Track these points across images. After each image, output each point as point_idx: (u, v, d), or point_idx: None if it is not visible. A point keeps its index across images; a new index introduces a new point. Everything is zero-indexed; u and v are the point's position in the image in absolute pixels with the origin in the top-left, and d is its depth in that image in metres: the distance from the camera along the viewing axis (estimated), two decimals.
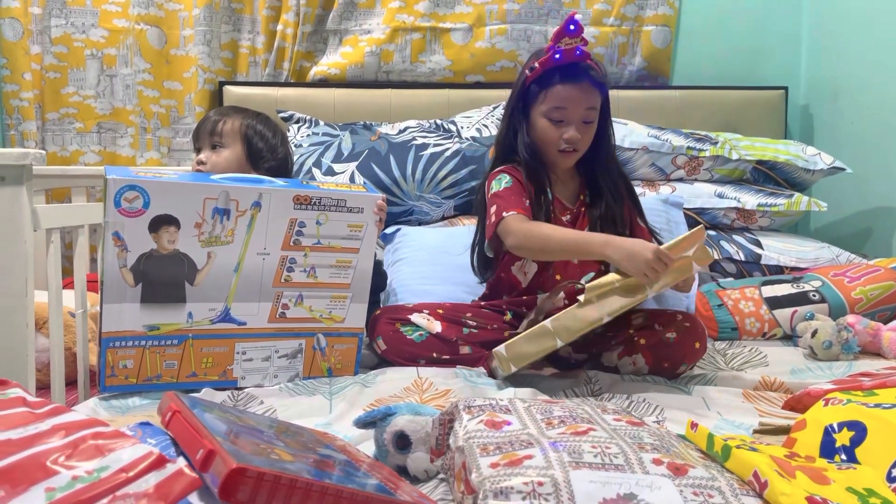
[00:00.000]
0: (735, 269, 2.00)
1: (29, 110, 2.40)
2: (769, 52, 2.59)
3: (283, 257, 1.31)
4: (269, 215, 1.27)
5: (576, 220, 1.61)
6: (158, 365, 1.28)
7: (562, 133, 1.52)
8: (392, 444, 0.92)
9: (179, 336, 1.28)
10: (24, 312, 1.32)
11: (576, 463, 0.73)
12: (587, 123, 1.54)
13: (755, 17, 2.58)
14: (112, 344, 1.24)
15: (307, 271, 1.34)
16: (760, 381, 1.36)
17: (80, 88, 2.46)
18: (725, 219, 2.10)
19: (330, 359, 1.42)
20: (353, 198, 1.34)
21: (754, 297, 1.78)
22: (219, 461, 0.64)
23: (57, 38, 2.43)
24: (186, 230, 1.23)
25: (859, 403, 0.86)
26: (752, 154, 2.12)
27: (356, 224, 1.35)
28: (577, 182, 1.64)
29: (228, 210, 1.24)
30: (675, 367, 1.44)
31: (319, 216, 1.31)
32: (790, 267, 1.97)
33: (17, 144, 2.41)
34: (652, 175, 2.16)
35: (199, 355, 1.31)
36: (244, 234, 1.26)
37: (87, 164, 2.46)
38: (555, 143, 1.54)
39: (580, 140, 1.53)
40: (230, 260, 1.28)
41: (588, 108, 1.52)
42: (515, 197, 1.52)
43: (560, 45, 1.49)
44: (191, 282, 1.26)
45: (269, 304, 1.33)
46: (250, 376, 1.35)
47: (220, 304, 1.28)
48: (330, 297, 1.38)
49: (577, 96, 1.50)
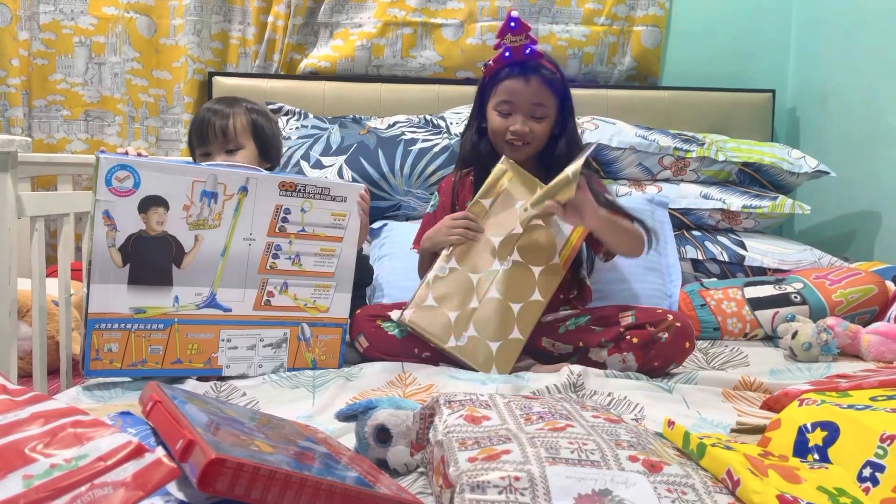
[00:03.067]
0: (719, 270, 2.02)
1: (16, 97, 2.38)
2: (758, 55, 2.61)
3: (268, 244, 1.34)
4: (255, 200, 1.31)
5: None
6: (143, 350, 1.28)
7: (508, 125, 1.59)
8: (373, 437, 0.93)
9: (165, 320, 1.28)
10: (6, 301, 1.32)
11: (552, 458, 0.74)
12: (537, 119, 1.59)
13: (745, 19, 2.60)
14: (98, 326, 1.24)
15: (292, 258, 1.37)
16: (740, 381, 1.37)
17: (67, 76, 2.44)
18: (710, 220, 2.11)
19: (314, 349, 1.43)
20: (337, 186, 1.38)
21: (737, 298, 1.79)
22: (198, 451, 0.65)
23: (45, 24, 2.41)
24: (175, 212, 1.25)
25: (833, 404, 0.87)
26: (738, 156, 2.14)
27: (340, 213, 1.39)
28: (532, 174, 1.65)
29: (216, 193, 1.27)
30: (665, 366, 1.46)
31: (304, 203, 1.35)
32: (773, 269, 1.99)
33: (2, 131, 2.40)
34: (638, 175, 2.17)
35: (185, 341, 1.31)
36: (231, 218, 1.29)
37: (74, 152, 2.45)
38: (502, 135, 1.61)
39: (528, 133, 1.59)
40: (217, 244, 1.30)
41: (535, 103, 1.58)
42: (428, 227, 1.65)
43: (506, 42, 1.57)
44: (178, 265, 1.27)
45: (255, 291, 1.35)
46: (235, 365, 1.35)
47: (206, 288, 1.30)
48: (314, 286, 1.41)
49: (523, 90, 1.57)
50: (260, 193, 1.31)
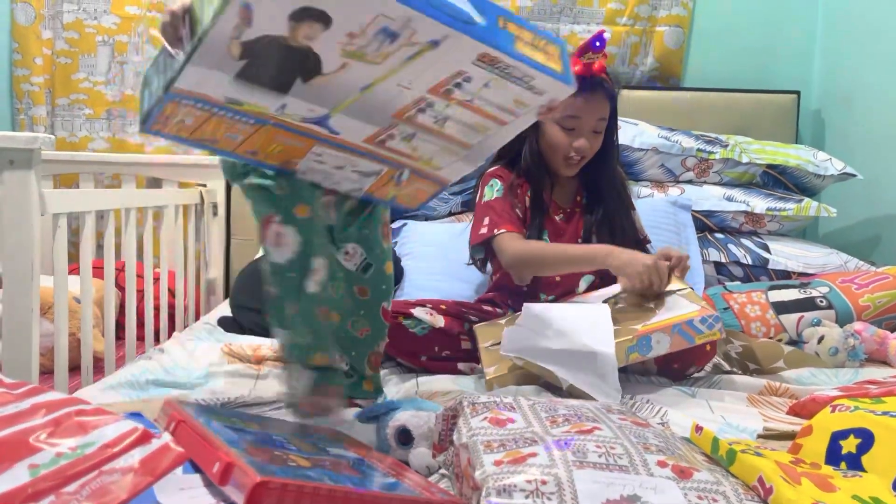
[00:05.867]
0: (742, 273, 1.99)
1: (39, 95, 2.40)
2: (782, 55, 2.58)
3: (422, 98, 1.04)
4: (438, 59, 0.98)
5: (569, 220, 1.65)
6: (220, 132, 1.05)
7: (572, 141, 1.56)
8: (394, 438, 0.92)
9: (259, 118, 1.03)
10: (29, 297, 1.32)
11: (580, 462, 0.72)
12: (596, 133, 1.58)
13: (769, 20, 2.57)
14: (178, 98, 0.97)
15: (438, 119, 1.09)
16: (765, 386, 1.35)
17: (90, 74, 2.46)
18: (734, 222, 2.09)
19: (402, 190, 1.22)
20: (544, 80, 1.03)
21: (761, 302, 1.77)
22: (239, 473, 0.63)
23: (69, 23, 2.43)
24: (333, 33, 0.92)
25: (867, 411, 0.85)
26: (762, 158, 2.11)
27: (523, 102, 1.07)
28: (574, 184, 1.68)
29: (398, 34, 0.94)
30: (684, 368, 1.44)
31: (492, 80, 1.03)
32: (798, 272, 1.96)
33: (26, 129, 2.42)
34: (661, 176, 2.15)
35: (270, 140, 1.07)
36: (398, 63, 0.98)
37: (96, 151, 2.46)
38: (564, 151, 1.58)
39: (588, 149, 1.58)
40: (363, 79, 1.00)
41: (599, 118, 1.56)
42: (507, 211, 1.59)
43: (584, 59, 1.53)
44: (304, 79, 0.98)
45: (375, 128, 1.08)
46: (312, 174, 1.14)
47: (323, 109, 1.03)
48: (441, 147, 1.15)
49: (591, 107, 1.54)
50: (450, 56, 0.97)
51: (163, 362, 1.48)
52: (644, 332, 1.32)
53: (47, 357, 1.68)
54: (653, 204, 2.01)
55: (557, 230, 1.63)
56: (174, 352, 1.56)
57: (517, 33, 0.99)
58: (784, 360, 1.50)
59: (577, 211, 1.66)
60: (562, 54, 1.04)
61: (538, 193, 1.62)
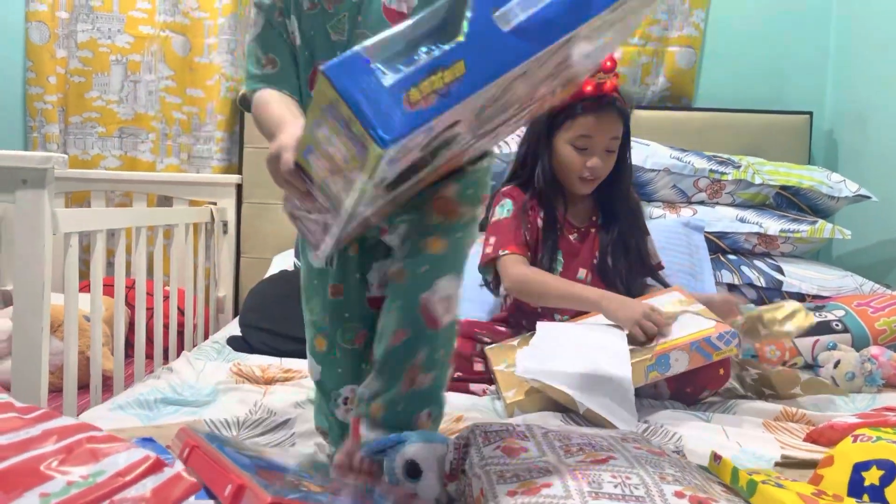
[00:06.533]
0: (756, 296, 1.97)
1: (52, 113, 2.41)
2: (794, 76, 2.57)
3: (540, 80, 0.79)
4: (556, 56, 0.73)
5: (584, 240, 1.64)
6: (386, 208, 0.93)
7: (585, 161, 1.56)
8: (402, 472, 0.90)
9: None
10: (39, 316, 1.32)
11: (595, 493, 0.71)
12: (609, 152, 1.58)
13: (781, 40, 2.56)
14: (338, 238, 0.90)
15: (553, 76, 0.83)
16: (782, 412, 1.33)
17: (103, 93, 2.47)
18: (747, 244, 2.07)
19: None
20: None
21: None
22: (250, 495, 0.63)
23: (83, 42, 2.45)
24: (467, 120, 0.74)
25: (889, 441, 0.83)
26: (775, 179, 2.09)
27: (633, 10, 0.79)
28: (589, 203, 1.67)
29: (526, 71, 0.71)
30: (697, 392, 1.42)
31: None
32: (812, 295, 1.94)
33: (38, 147, 2.43)
34: (673, 197, 2.14)
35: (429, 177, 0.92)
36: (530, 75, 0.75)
37: (108, 169, 2.47)
38: (577, 171, 1.58)
39: (602, 168, 1.57)
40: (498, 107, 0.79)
41: (612, 137, 1.56)
42: (514, 231, 1.58)
43: (595, 79, 1.52)
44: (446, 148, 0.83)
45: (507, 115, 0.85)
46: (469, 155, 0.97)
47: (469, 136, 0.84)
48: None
49: (603, 126, 1.54)
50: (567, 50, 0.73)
51: (171, 381, 1.48)
52: (662, 350, 1.32)
53: (56, 375, 1.67)
54: (665, 225, 1.99)
55: (572, 250, 1.62)
56: (183, 371, 1.56)
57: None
58: (801, 388, 1.48)
59: (593, 230, 1.65)
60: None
61: (552, 213, 1.61)
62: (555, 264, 1.60)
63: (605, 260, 1.61)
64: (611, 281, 1.59)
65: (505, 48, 0.65)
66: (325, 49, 0.99)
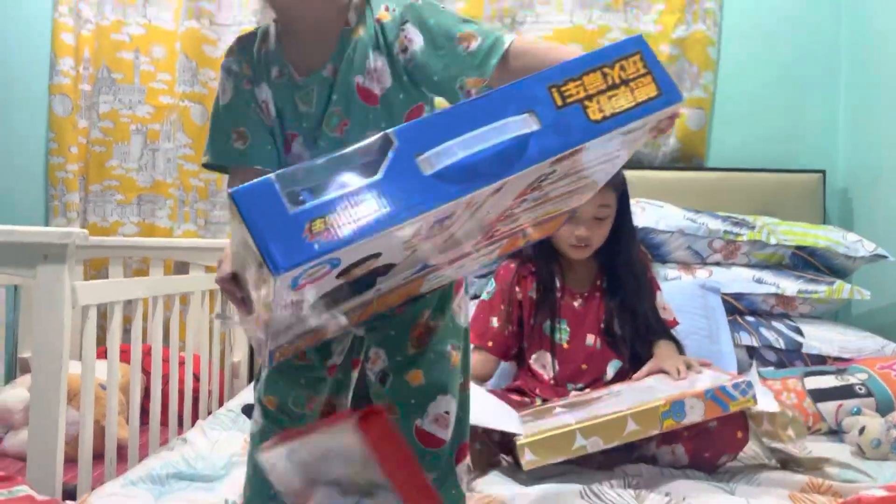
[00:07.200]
0: (775, 358, 1.94)
1: (73, 182, 2.46)
2: (806, 134, 2.58)
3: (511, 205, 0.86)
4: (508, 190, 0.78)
5: (589, 305, 1.64)
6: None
7: (573, 230, 1.56)
8: None
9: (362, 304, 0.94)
10: (57, 391, 1.32)
11: None
12: (599, 220, 1.57)
13: (791, 99, 2.58)
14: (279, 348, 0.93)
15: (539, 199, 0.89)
16: (808, 483, 1.30)
17: (123, 161, 2.52)
18: (764, 305, 2.05)
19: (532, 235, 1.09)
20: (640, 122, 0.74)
21: (797, 389, 1.72)
22: None
23: (104, 113, 2.51)
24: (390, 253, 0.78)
25: None
26: (790, 239, 2.09)
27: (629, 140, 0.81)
28: (592, 267, 1.67)
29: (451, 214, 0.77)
30: (716, 457, 1.39)
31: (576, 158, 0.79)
32: (833, 357, 1.91)
33: (59, 215, 2.47)
34: (688, 258, 2.13)
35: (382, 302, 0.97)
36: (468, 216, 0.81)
37: (126, 235, 2.50)
38: (566, 240, 1.59)
39: (591, 237, 1.58)
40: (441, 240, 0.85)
41: (599, 205, 1.55)
42: (485, 316, 1.63)
43: None
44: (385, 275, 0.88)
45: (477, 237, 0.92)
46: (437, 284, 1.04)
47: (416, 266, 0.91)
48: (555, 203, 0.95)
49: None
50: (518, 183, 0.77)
51: (185, 453, 1.47)
52: (677, 397, 1.31)
53: (71, 445, 1.66)
54: (681, 287, 1.99)
55: (577, 317, 1.62)
56: (197, 442, 1.55)
57: (582, 93, 0.73)
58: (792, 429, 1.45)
59: (598, 295, 1.64)
60: (647, 63, 0.73)
61: (547, 279, 1.62)
62: (559, 333, 1.59)
63: (611, 325, 1.61)
64: (618, 347, 1.58)
65: (421, 190, 0.67)
66: (293, 118, 1.00)
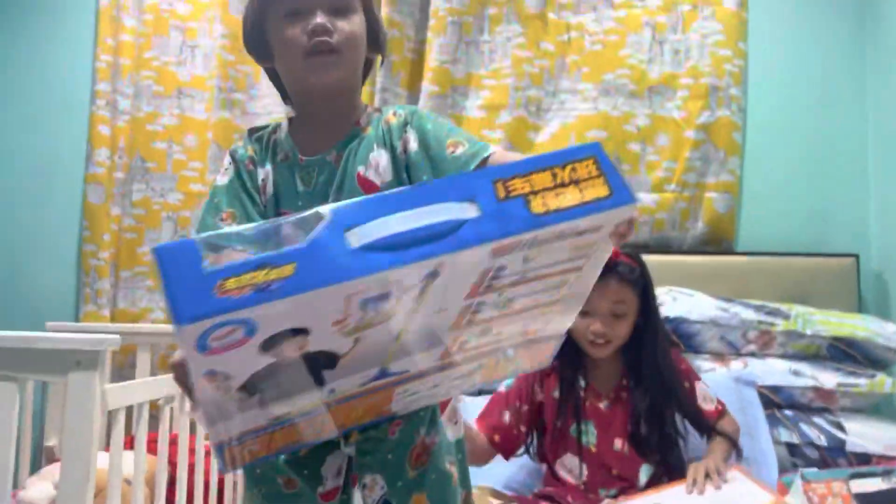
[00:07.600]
0: (817, 456, 1.87)
1: (105, 269, 2.49)
2: (836, 217, 2.54)
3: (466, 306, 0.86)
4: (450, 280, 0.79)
5: (615, 406, 1.59)
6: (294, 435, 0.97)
7: (588, 324, 1.54)
8: None
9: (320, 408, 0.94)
10: (85, 490, 1.30)
11: None
12: (618, 316, 1.54)
13: (820, 181, 2.55)
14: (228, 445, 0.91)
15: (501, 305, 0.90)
16: None
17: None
18: (803, 398, 1.99)
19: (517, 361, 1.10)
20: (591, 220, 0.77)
21: (843, 493, 1.64)
22: None
23: (137, 201, 2.56)
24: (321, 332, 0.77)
25: None
26: (827, 329, 2.04)
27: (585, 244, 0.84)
28: (616, 367, 1.63)
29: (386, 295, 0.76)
30: None
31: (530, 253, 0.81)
32: (878, 454, 1.84)
33: (89, 302, 2.49)
34: (722, 349, 2.08)
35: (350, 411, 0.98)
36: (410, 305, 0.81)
37: (156, 322, 2.51)
38: (583, 335, 1.56)
39: (609, 333, 1.55)
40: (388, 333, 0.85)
41: (615, 301, 1.53)
42: (499, 410, 1.63)
43: None
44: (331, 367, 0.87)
45: (443, 348, 0.93)
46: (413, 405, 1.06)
47: (373, 369, 0.90)
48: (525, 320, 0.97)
49: (601, 290, 1.50)
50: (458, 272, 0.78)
51: None
52: None
53: None
54: (715, 380, 1.93)
55: (604, 419, 1.58)
56: None
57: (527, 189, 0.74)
58: None
59: (624, 396, 1.60)
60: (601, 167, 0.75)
61: (569, 380, 1.59)
62: (586, 436, 1.55)
63: (637, 428, 1.55)
64: (645, 453, 1.53)
65: (344, 261, 0.67)
66: (290, 196, 1.06)
